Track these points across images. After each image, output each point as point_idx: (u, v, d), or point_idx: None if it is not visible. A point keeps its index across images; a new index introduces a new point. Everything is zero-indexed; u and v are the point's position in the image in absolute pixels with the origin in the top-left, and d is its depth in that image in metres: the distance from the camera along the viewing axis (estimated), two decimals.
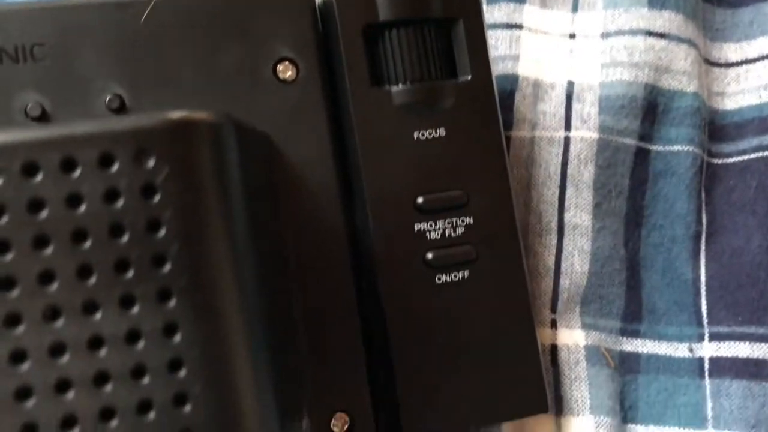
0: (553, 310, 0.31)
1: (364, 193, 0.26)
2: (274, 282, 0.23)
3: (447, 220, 0.27)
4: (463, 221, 0.27)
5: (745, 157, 0.33)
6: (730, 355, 0.30)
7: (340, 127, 0.27)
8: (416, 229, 0.27)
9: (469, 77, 0.27)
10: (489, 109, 0.28)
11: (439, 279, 0.27)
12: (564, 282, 0.31)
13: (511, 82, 0.32)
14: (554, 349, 0.31)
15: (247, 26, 0.26)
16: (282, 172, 0.26)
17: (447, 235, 0.27)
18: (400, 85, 0.27)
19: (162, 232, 0.18)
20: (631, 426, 0.31)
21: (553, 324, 0.31)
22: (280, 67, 0.26)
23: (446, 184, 0.27)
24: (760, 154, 0.32)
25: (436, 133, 0.27)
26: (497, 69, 0.32)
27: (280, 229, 0.25)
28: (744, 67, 0.35)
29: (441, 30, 0.28)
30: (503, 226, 0.27)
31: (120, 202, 0.17)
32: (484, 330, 0.27)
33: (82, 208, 0.17)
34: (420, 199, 0.27)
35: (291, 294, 0.25)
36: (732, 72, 0.35)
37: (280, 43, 0.26)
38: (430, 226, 0.27)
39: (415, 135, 0.27)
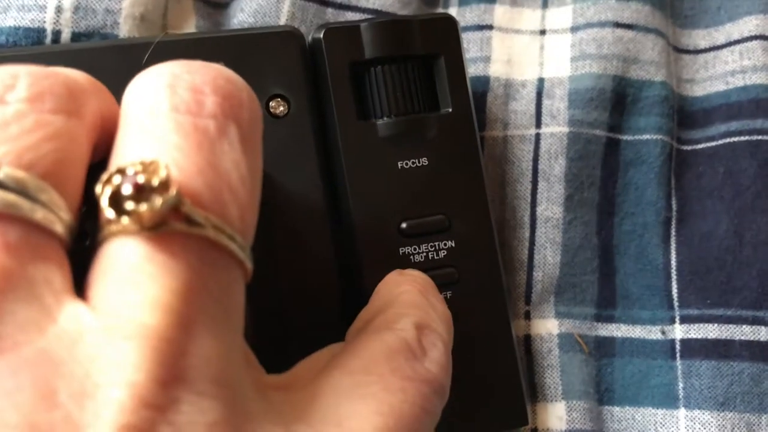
0: (527, 302, 0.31)
1: (352, 219, 0.28)
2: (263, 302, 0.25)
3: (430, 244, 0.28)
4: (445, 245, 0.28)
5: (713, 144, 0.33)
6: (699, 337, 0.31)
7: (328, 158, 0.28)
8: (401, 252, 0.28)
9: (450, 109, 0.29)
10: (469, 139, 0.29)
11: None
12: (537, 274, 0.31)
13: (483, 83, 0.33)
14: (528, 339, 0.31)
15: (242, 66, 0.27)
16: (274, 199, 0.27)
17: (430, 258, 0.28)
18: (385, 119, 0.28)
19: None
20: (607, 408, 0.31)
21: (527, 315, 0.31)
22: (272, 104, 0.27)
23: (429, 209, 0.28)
24: (728, 140, 0.33)
25: (419, 162, 0.29)
26: (469, 71, 0.32)
27: (271, 249, 0.27)
28: (712, 53, 0.35)
29: (423, 66, 0.29)
30: (484, 248, 0.29)
31: None
32: (466, 346, 0.28)
33: None
34: (404, 224, 0.28)
35: (280, 315, 0.27)
36: (701, 59, 0.35)
37: (273, 82, 0.27)
38: (414, 249, 0.28)
39: (399, 164, 0.28)
